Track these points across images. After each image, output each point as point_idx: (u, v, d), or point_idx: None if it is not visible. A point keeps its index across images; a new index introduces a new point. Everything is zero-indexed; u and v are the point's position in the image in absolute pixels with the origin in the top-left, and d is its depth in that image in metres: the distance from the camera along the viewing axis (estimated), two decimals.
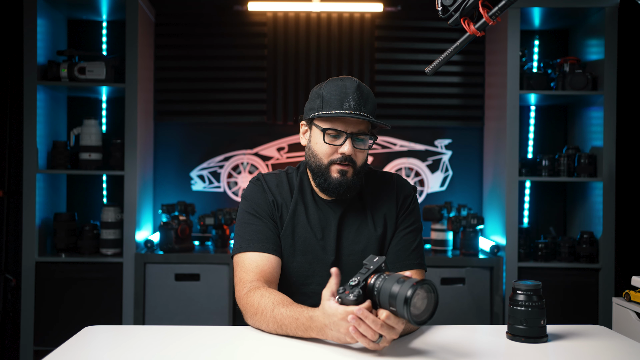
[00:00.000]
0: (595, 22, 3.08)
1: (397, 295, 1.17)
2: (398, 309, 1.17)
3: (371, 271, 1.23)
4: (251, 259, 1.54)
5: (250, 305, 1.42)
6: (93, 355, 1.27)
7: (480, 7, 1.25)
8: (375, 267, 1.24)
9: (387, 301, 1.19)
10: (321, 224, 1.60)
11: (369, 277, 1.23)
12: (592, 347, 1.34)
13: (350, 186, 1.55)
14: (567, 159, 3.07)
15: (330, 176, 1.54)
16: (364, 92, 1.52)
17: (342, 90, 1.51)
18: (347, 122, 1.51)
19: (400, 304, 1.16)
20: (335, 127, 1.51)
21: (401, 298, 1.16)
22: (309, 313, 1.29)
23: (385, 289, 1.20)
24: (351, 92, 1.50)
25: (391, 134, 3.46)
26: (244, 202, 1.63)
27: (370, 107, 1.52)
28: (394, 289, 1.18)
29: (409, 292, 1.15)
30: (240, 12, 3.40)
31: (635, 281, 1.81)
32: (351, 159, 1.53)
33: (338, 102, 1.49)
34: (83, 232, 3.07)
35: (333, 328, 1.23)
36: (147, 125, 3.25)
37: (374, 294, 1.22)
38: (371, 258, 1.27)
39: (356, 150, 1.53)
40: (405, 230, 1.63)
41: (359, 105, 1.49)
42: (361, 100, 1.50)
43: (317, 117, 1.53)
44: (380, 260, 1.25)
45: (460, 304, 2.96)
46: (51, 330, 2.94)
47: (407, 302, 1.15)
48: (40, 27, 2.99)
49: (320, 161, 1.55)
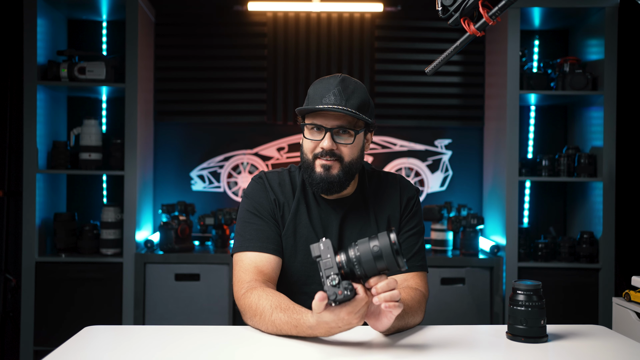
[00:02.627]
0: (595, 22, 3.08)
1: (382, 250, 1.19)
2: (388, 261, 1.19)
3: (333, 256, 1.21)
4: (250, 258, 1.54)
5: (249, 306, 1.42)
6: (93, 355, 1.27)
7: (480, 7, 1.25)
8: (331, 250, 1.21)
9: (374, 264, 1.20)
10: (323, 224, 1.60)
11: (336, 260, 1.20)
12: (592, 347, 1.34)
13: (334, 182, 1.53)
14: (567, 159, 3.07)
15: (315, 171, 1.54)
16: (348, 87, 1.51)
17: (325, 86, 1.52)
18: (326, 116, 1.51)
19: (390, 255, 1.18)
20: (315, 122, 1.52)
21: (387, 249, 1.18)
22: (307, 323, 1.28)
23: (365, 254, 1.20)
24: (333, 87, 1.50)
25: (391, 134, 3.46)
26: (246, 200, 1.62)
27: (355, 102, 1.50)
28: (374, 248, 1.19)
29: (392, 238, 1.19)
30: (240, 12, 3.40)
31: (635, 281, 1.81)
32: (334, 154, 1.52)
33: (319, 98, 1.51)
34: (83, 232, 3.07)
35: (342, 325, 1.23)
36: (147, 125, 3.25)
37: (355, 267, 1.21)
38: (316, 247, 1.22)
39: (339, 145, 1.52)
40: (408, 232, 1.63)
41: (340, 100, 1.49)
42: (343, 95, 1.49)
43: (300, 114, 1.56)
44: (328, 243, 1.21)
45: (460, 304, 2.96)
46: (51, 330, 2.94)
47: (394, 248, 1.18)
48: (40, 27, 2.99)
49: (306, 156, 1.56)
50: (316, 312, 1.22)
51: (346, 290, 1.18)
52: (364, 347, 1.29)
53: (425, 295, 1.57)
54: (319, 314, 1.22)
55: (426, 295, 1.57)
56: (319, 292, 1.20)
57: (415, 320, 1.47)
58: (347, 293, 1.18)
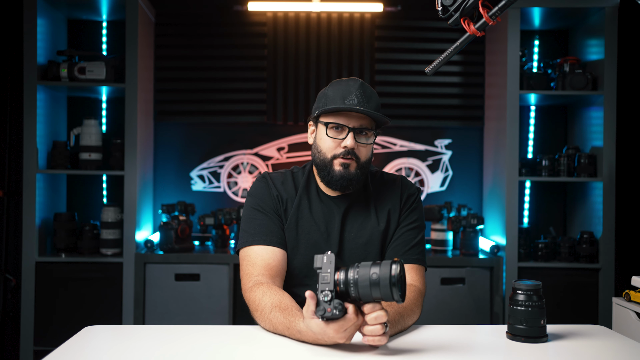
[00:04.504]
0: (595, 22, 3.08)
1: (380, 279, 1.18)
2: (383, 291, 1.18)
3: (333, 272, 1.21)
4: (257, 252, 1.57)
5: (252, 301, 1.46)
6: (93, 355, 1.27)
7: (480, 7, 1.25)
8: (333, 265, 1.21)
9: (369, 290, 1.19)
10: (325, 218, 1.63)
11: (334, 278, 1.21)
12: (592, 347, 1.34)
13: (352, 179, 1.58)
14: (567, 159, 3.07)
15: (334, 169, 1.57)
16: (366, 90, 1.57)
17: (345, 88, 1.56)
18: (349, 117, 1.55)
19: (386, 286, 1.17)
20: (338, 121, 1.55)
21: (385, 280, 1.17)
22: (297, 327, 1.30)
23: (362, 279, 1.19)
24: (354, 90, 1.55)
25: (391, 134, 3.46)
26: (249, 199, 1.66)
27: (373, 105, 1.56)
28: (373, 275, 1.18)
29: (393, 270, 1.17)
30: (240, 12, 3.40)
31: (635, 281, 1.81)
32: (354, 153, 1.56)
33: (341, 98, 1.54)
34: (83, 232, 3.07)
35: (328, 340, 1.25)
36: (147, 125, 3.25)
37: (350, 289, 1.20)
38: (320, 259, 1.23)
39: (359, 144, 1.56)
40: (407, 227, 1.65)
41: (362, 102, 1.53)
42: (364, 97, 1.54)
43: (321, 114, 1.58)
44: (332, 257, 1.22)
45: (460, 304, 2.96)
46: (51, 330, 2.94)
47: (392, 281, 1.17)
48: (40, 27, 2.99)
49: (324, 156, 1.58)
50: (306, 316, 1.24)
51: (336, 309, 1.19)
52: (364, 347, 1.29)
53: (422, 290, 1.58)
54: (308, 320, 1.24)
55: (422, 291, 1.58)
56: (308, 291, 1.22)
57: (412, 320, 1.48)
58: (336, 312, 1.19)
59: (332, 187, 1.61)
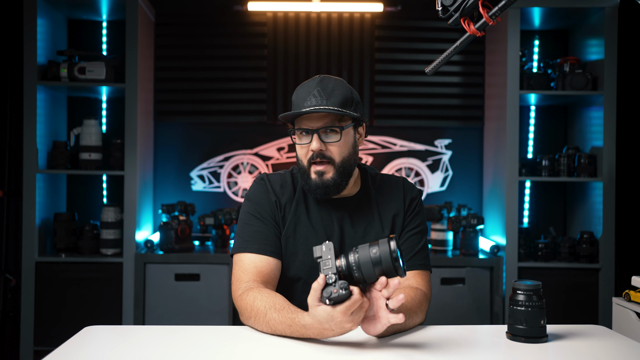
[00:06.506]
0: (595, 22, 3.08)
1: (382, 256, 1.21)
2: (386, 267, 1.21)
3: (333, 258, 1.23)
4: (249, 259, 1.54)
5: (245, 307, 1.43)
6: (93, 355, 1.27)
7: (480, 7, 1.25)
8: (332, 252, 1.23)
9: (372, 269, 1.22)
10: (323, 223, 1.60)
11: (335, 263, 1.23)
12: (592, 347, 1.34)
13: (330, 186, 1.53)
14: (567, 159, 3.07)
15: (310, 178, 1.55)
16: (327, 86, 1.52)
17: (305, 90, 1.53)
18: (310, 119, 1.52)
19: (388, 262, 1.21)
20: (302, 125, 1.53)
21: (386, 256, 1.21)
22: (301, 321, 1.28)
23: (364, 260, 1.22)
24: (313, 89, 1.51)
25: (391, 134, 3.46)
26: (247, 202, 1.63)
27: (337, 99, 1.50)
28: (374, 254, 1.22)
29: (392, 246, 1.21)
30: (240, 12, 3.40)
31: (635, 281, 1.81)
32: (324, 155, 1.52)
33: (302, 102, 1.52)
34: (83, 232, 3.07)
35: (335, 328, 1.23)
36: (147, 125, 3.25)
37: (354, 271, 1.23)
38: (318, 249, 1.25)
39: (328, 144, 1.52)
40: (411, 231, 1.63)
41: (321, 100, 1.49)
42: (323, 94, 1.50)
43: (285, 121, 1.57)
44: (330, 245, 1.24)
45: (460, 304, 2.96)
46: (51, 330, 2.94)
47: (394, 256, 1.20)
48: (40, 27, 2.99)
49: (302, 163, 1.57)
50: (312, 305, 1.23)
51: (342, 289, 1.19)
52: (363, 347, 1.29)
53: (427, 295, 1.56)
54: (314, 309, 1.22)
55: (428, 295, 1.56)
56: (315, 282, 1.22)
57: (415, 322, 1.46)
58: (342, 292, 1.19)
59: (312, 196, 1.58)
